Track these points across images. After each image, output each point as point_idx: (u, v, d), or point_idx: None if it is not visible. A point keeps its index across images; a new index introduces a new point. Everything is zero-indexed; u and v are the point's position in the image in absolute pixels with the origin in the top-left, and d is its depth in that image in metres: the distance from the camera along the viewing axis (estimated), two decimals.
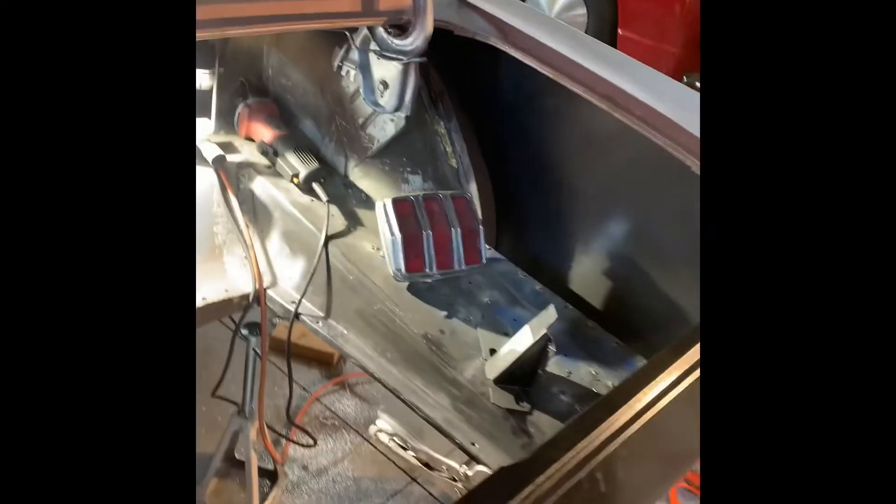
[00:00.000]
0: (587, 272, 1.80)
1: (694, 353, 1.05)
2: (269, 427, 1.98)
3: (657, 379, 0.99)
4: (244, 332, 1.77)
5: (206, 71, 1.67)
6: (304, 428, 2.13)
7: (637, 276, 1.73)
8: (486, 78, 1.82)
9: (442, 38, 1.61)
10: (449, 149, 1.75)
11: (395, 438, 1.37)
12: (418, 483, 2.20)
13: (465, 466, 1.33)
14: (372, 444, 1.98)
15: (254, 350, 1.81)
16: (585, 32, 5.03)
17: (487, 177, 1.87)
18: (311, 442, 2.10)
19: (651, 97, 1.44)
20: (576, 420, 0.93)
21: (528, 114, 1.80)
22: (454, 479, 1.42)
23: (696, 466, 1.18)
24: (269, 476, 2.10)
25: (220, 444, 1.97)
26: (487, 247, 1.75)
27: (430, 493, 2.20)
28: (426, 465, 1.38)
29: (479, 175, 1.80)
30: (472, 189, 1.76)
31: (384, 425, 1.39)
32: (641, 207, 1.71)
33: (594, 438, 0.89)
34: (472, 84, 1.83)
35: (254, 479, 1.96)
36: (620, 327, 1.66)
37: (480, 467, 1.34)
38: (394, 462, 1.72)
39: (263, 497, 2.04)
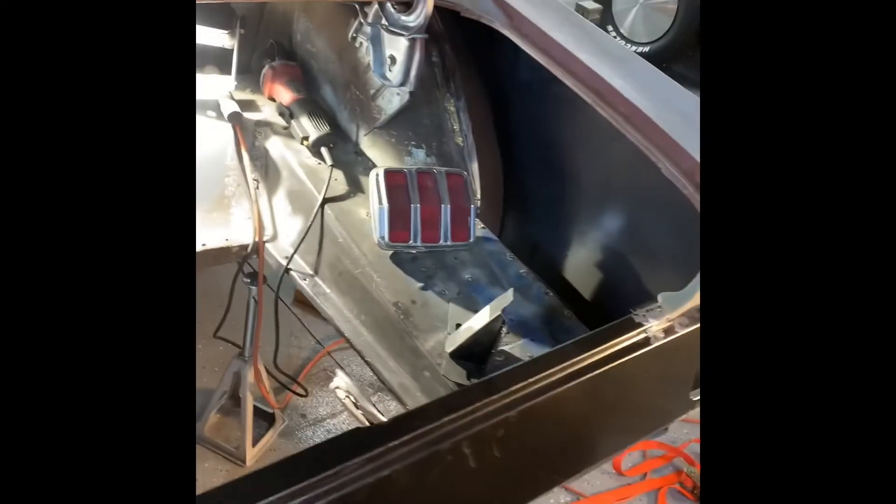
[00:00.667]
0: (581, 261, 1.82)
1: (599, 349, 1.07)
2: (267, 372, 2.10)
3: (550, 370, 1.01)
4: (247, 280, 1.88)
5: (226, 31, 1.75)
6: (295, 378, 2.24)
7: (625, 272, 1.73)
8: (502, 60, 1.84)
9: (460, 18, 1.63)
10: (456, 126, 1.79)
11: (349, 396, 1.45)
12: None
13: None
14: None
15: (253, 298, 1.92)
16: (673, 20, 5.00)
17: (498, 157, 1.89)
18: (303, 392, 2.21)
19: (640, 95, 1.44)
20: (452, 394, 0.97)
21: (541, 99, 1.81)
22: None
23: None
24: (268, 419, 2.22)
25: (221, 383, 2.10)
26: (481, 226, 1.79)
27: None
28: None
29: (487, 155, 1.82)
30: (474, 168, 1.79)
31: (341, 383, 1.47)
32: (636, 203, 1.71)
33: (466, 415, 0.93)
34: (489, 65, 1.85)
35: (248, 419, 2.08)
36: (603, 319, 1.67)
37: None
38: (356, 417, 1.80)
39: (258, 437, 2.16)
